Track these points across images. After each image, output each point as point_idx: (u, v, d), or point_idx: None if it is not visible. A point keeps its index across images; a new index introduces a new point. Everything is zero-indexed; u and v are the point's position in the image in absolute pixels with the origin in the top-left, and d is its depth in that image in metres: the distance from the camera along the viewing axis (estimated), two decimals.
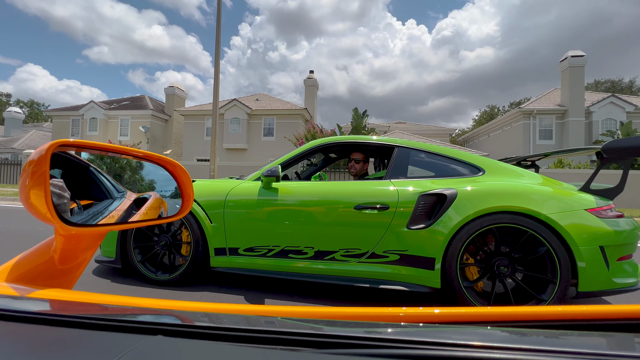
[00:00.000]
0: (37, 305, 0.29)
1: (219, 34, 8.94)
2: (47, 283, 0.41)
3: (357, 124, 13.36)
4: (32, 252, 0.44)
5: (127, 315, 0.26)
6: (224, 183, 2.26)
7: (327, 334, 0.26)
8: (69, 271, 0.44)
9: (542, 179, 2.08)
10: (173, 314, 0.29)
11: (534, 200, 1.78)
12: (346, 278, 1.96)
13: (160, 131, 22.71)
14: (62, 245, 0.42)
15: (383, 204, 1.93)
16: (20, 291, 0.33)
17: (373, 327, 0.30)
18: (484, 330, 0.33)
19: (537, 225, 1.73)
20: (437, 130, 25.91)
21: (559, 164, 12.74)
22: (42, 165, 0.36)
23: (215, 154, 8.89)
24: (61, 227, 0.38)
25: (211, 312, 0.32)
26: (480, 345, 0.26)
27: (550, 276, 1.72)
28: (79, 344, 0.23)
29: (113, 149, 0.55)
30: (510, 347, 0.26)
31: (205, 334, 0.25)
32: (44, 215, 0.36)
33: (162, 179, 0.78)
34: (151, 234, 2.28)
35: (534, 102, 19.55)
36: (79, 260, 0.46)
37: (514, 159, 2.66)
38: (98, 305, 0.32)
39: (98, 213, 0.62)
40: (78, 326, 0.24)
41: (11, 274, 0.39)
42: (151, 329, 0.25)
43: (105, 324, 0.25)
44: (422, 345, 0.26)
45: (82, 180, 0.60)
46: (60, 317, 0.25)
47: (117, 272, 2.43)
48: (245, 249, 2.09)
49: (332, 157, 3.42)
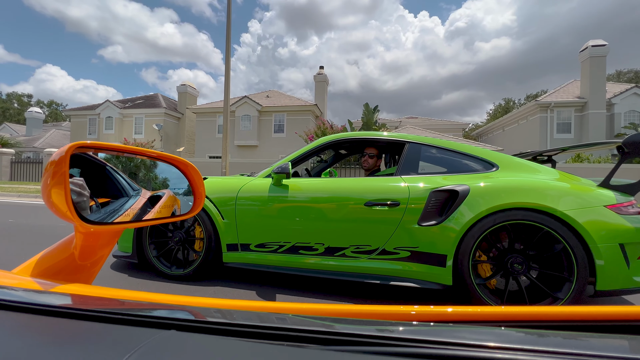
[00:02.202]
0: (59, 299, 0.30)
1: (229, 32, 8.99)
2: (68, 278, 0.43)
3: (367, 120, 13.25)
4: (54, 248, 0.46)
5: (142, 310, 0.27)
6: (235, 180, 2.29)
7: (337, 331, 0.27)
8: (88, 267, 0.46)
9: (559, 175, 2.02)
10: (186, 310, 0.30)
11: (550, 196, 1.74)
12: (357, 274, 1.97)
13: (173, 129, 23.12)
14: (81, 242, 0.44)
15: (394, 200, 1.92)
16: (44, 285, 0.35)
17: (384, 325, 0.29)
18: (498, 330, 0.32)
19: (553, 222, 1.69)
20: (449, 124, 25.41)
21: (577, 158, 12.31)
22: (62, 166, 0.38)
23: (226, 151, 9.00)
24: (80, 225, 0.40)
25: (223, 308, 0.33)
26: (494, 346, 0.25)
27: (567, 274, 1.68)
28: (97, 336, 0.24)
29: (127, 149, 0.57)
30: (526, 349, 0.25)
31: (217, 329, 0.26)
32: (64, 214, 0.38)
33: (175, 177, 0.80)
34: (166, 230, 2.34)
35: (552, 95, 18.90)
36: (98, 256, 0.48)
37: (530, 154, 2.59)
38: (115, 300, 0.33)
39: (115, 211, 0.64)
40: (97, 320, 0.26)
41: (35, 269, 0.41)
42: (165, 324, 0.26)
43: (122, 318, 0.26)
44: (434, 345, 0.25)
45: (100, 179, 0.63)
46: (81, 311, 0.26)
47: (133, 267, 2.50)
48: (257, 245, 2.12)
49: (343, 153, 3.41)
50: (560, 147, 2.42)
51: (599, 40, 17.45)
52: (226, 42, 8.94)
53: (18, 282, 0.35)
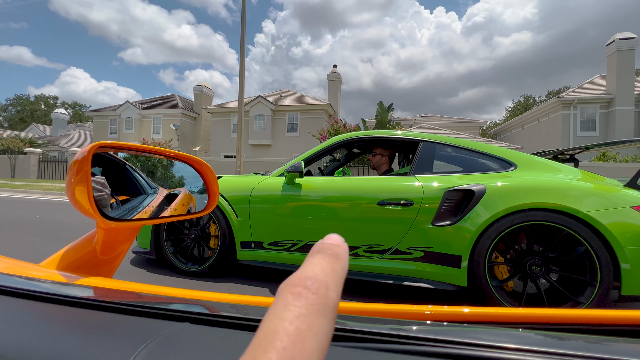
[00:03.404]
0: (82, 291, 0.32)
1: (244, 33, 9.11)
2: (91, 272, 0.45)
3: (381, 118, 13.12)
4: (77, 243, 0.49)
5: (159, 303, 0.29)
6: (249, 179, 2.33)
7: (349, 328, 0.26)
8: (109, 261, 0.48)
9: (582, 174, 1.94)
10: (200, 304, 0.31)
11: (572, 196, 1.67)
12: (369, 274, 1.96)
13: (189, 129, 23.66)
14: (102, 237, 0.46)
15: (407, 199, 1.90)
16: (68, 278, 0.37)
17: (397, 323, 0.29)
18: (515, 332, 0.31)
19: (574, 223, 1.63)
20: (466, 123, 24.84)
21: (602, 157, 11.76)
22: (84, 165, 0.40)
23: (240, 151, 9.13)
24: (102, 221, 0.42)
25: (236, 303, 0.34)
26: (511, 347, 0.24)
27: (589, 278, 1.61)
28: (116, 326, 0.26)
29: (145, 149, 0.59)
30: (546, 351, 0.24)
31: (229, 323, 0.27)
32: (86, 210, 0.40)
33: (190, 176, 0.83)
34: (182, 227, 2.40)
35: (575, 91, 18.12)
36: (118, 251, 0.50)
37: (550, 153, 2.50)
38: (134, 293, 0.35)
39: (134, 208, 0.66)
40: (116, 311, 0.27)
41: (60, 263, 0.44)
42: (180, 317, 0.27)
43: (140, 310, 0.28)
44: (449, 345, 0.25)
45: (120, 178, 0.66)
46: (102, 303, 0.28)
47: (151, 263, 2.59)
48: (270, 243, 2.15)
49: (355, 152, 3.40)
50: (584, 146, 2.32)
51: (627, 33, 16.59)
52: (241, 44, 9.07)
53: (45, 275, 0.38)
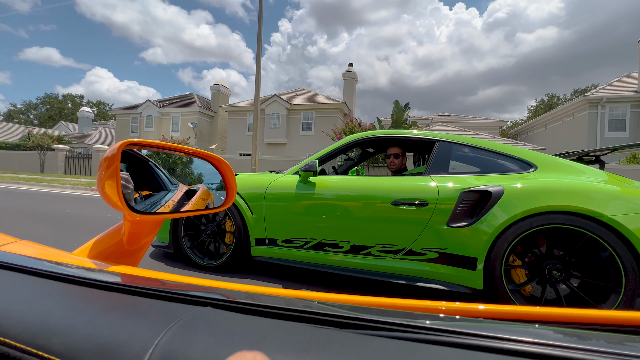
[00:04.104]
0: (112, 277, 0.35)
1: (260, 34, 9.21)
2: (118, 261, 0.48)
3: (397, 117, 12.95)
4: (105, 234, 0.52)
5: (183, 290, 0.31)
6: (264, 177, 2.36)
7: (364, 318, 0.27)
8: (134, 252, 0.51)
9: (608, 177, 1.86)
10: (219, 292, 0.33)
11: (596, 199, 1.61)
12: (382, 274, 1.95)
13: (206, 127, 24.18)
14: (129, 229, 0.49)
15: (422, 200, 1.88)
16: (99, 265, 0.40)
17: (410, 316, 0.29)
18: (532, 328, 0.30)
19: (598, 227, 1.56)
20: (484, 122, 24.16)
21: (632, 159, 11.16)
22: (114, 161, 0.43)
23: (256, 149, 9.26)
24: (129, 214, 0.45)
25: (251, 292, 0.36)
26: (528, 341, 0.24)
27: (614, 285, 1.55)
28: (144, 309, 0.28)
29: (169, 147, 0.62)
30: (564, 346, 0.23)
31: (247, 309, 0.28)
32: (115, 204, 0.43)
33: (208, 173, 0.86)
34: (199, 223, 2.47)
35: (604, 89, 17.26)
36: (142, 242, 0.53)
37: (574, 154, 2.40)
38: (159, 280, 0.37)
39: (156, 202, 0.70)
40: (145, 295, 0.30)
41: (91, 252, 0.47)
42: (202, 302, 0.29)
43: (165, 295, 0.30)
44: (462, 336, 0.25)
45: (143, 174, 0.69)
46: (131, 288, 0.31)
47: (170, 257, 2.68)
48: (284, 240, 2.18)
49: (370, 151, 3.38)
50: (612, 147, 2.22)
51: None
52: (257, 45, 9.17)
53: (79, 262, 0.41)
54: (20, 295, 0.29)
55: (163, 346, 0.23)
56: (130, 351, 0.22)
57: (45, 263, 0.36)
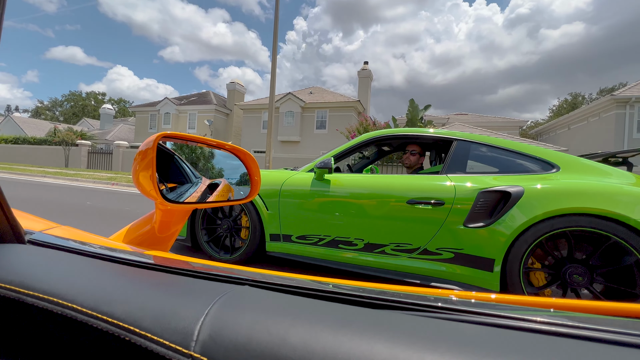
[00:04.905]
0: (152, 259, 0.37)
1: (276, 33, 9.27)
2: (151, 247, 0.51)
3: (412, 116, 12.76)
4: (139, 222, 0.55)
5: (221, 271, 0.33)
6: (279, 174, 2.39)
7: (380, 297, 0.29)
8: (165, 239, 0.54)
9: (636, 179, 1.78)
10: (252, 274, 0.35)
11: (622, 202, 1.55)
12: (396, 272, 1.95)
13: (222, 124, 24.59)
14: (160, 217, 0.52)
15: (438, 199, 1.86)
16: (137, 250, 0.43)
17: (426, 299, 0.31)
18: (547, 312, 0.30)
19: (624, 231, 1.51)
20: (504, 122, 23.47)
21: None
22: (149, 153, 0.45)
23: (270, 146, 9.36)
24: (161, 202, 0.47)
25: (283, 275, 0.38)
26: (542, 321, 0.24)
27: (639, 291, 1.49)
28: (190, 286, 0.31)
29: (200, 140, 0.65)
30: (577, 326, 0.23)
31: (281, 289, 0.31)
32: (149, 193, 0.46)
33: (229, 168, 0.89)
34: (216, 218, 2.53)
35: (633, 88, 16.41)
36: (172, 230, 0.56)
37: (600, 155, 2.31)
38: (191, 263, 0.40)
39: (182, 194, 0.73)
40: (187, 275, 0.32)
41: (125, 238, 0.50)
42: (240, 282, 0.32)
43: (205, 276, 0.32)
44: (477, 315, 0.26)
45: (169, 167, 0.72)
46: (173, 269, 0.33)
47: (187, 250, 2.75)
48: (298, 237, 2.20)
49: (385, 150, 3.36)
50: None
51: None
52: (273, 45, 9.24)
53: (119, 246, 0.44)
54: (76, 271, 0.32)
55: (214, 315, 0.25)
56: (185, 318, 0.25)
57: (90, 245, 0.39)
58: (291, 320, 0.24)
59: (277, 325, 0.23)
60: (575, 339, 0.22)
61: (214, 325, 0.24)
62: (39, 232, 0.44)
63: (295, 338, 0.22)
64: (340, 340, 0.22)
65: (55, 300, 0.27)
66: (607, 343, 0.22)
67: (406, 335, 0.22)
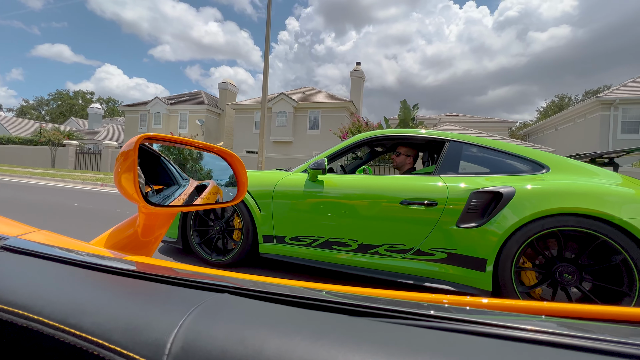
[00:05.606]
0: (131, 265, 0.35)
1: (269, 33, 9.23)
2: (133, 252, 0.49)
3: (404, 117, 12.86)
4: (121, 226, 0.53)
5: (201, 277, 0.32)
6: (272, 174, 2.37)
7: (374, 306, 0.28)
8: (148, 243, 0.52)
9: (622, 179, 1.82)
10: (234, 281, 0.34)
11: (609, 202, 1.57)
12: (389, 273, 1.95)
13: (213, 124, 24.35)
14: (143, 221, 0.49)
15: (431, 200, 1.87)
16: (117, 255, 0.41)
17: (419, 307, 0.30)
18: (537, 319, 0.30)
19: (611, 230, 1.53)
20: (493, 123, 23.85)
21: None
22: (131, 154, 0.43)
23: (262, 147, 9.30)
24: (144, 205, 0.45)
25: (266, 282, 0.36)
26: (534, 329, 0.24)
27: (627, 289, 1.52)
28: (167, 294, 0.29)
29: (184, 141, 0.63)
30: (568, 334, 0.23)
31: (263, 297, 0.30)
32: (131, 196, 0.43)
33: (218, 169, 0.86)
34: (207, 219, 2.49)
35: (617, 90, 16.87)
36: (156, 234, 0.53)
37: (587, 156, 2.36)
38: (175, 269, 0.38)
39: (168, 196, 0.70)
40: (165, 282, 0.31)
41: (107, 242, 0.48)
42: (219, 289, 0.31)
43: (184, 283, 0.31)
44: (470, 324, 0.25)
45: (155, 168, 0.70)
46: (151, 275, 0.32)
47: (179, 252, 2.70)
48: (291, 238, 2.18)
49: (378, 150, 3.36)
50: (626, 149, 2.17)
51: None
52: (265, 44, 9.19)
53: (98, 251, 0.42)
54: (48, 279, 0.30)
55: (187, 326, 0.24)
56: (157, 329, 0.24)
57: (67, 251, 0.37)
58: (268, 331, 0.23)
59: (253, 336, 0.23)
60: (565, 349, 0.22)
61: (187, 337, 0.23)
62: (14, 237, 0.41)
63: (271, 350, 0.21)
64: (318, 351, 0.21)
65: (20, 313, 0.26)
66: (597, 353, 0.22)
67: (389, 347, 0.21)
